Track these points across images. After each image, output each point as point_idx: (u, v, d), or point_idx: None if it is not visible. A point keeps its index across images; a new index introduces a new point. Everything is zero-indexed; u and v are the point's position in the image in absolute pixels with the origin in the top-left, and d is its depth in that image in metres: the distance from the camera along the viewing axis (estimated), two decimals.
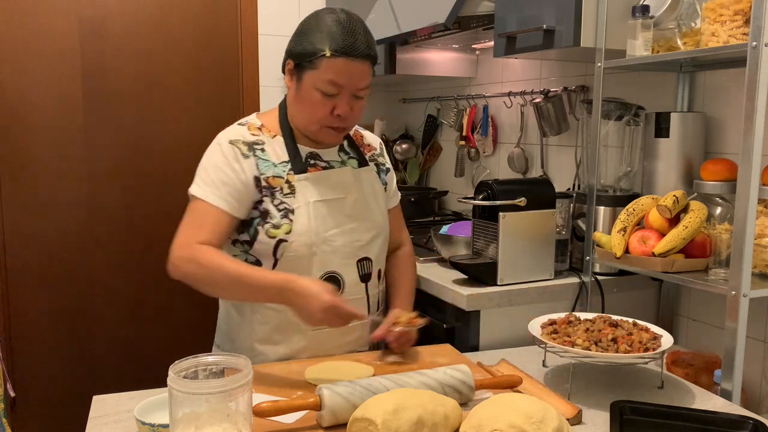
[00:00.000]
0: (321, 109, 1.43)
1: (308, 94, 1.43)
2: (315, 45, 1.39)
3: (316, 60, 1.39)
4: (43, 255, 2.85)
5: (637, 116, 1.89)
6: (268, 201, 1.45)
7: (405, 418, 1.04)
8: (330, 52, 1.38)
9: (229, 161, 1.45)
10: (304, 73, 1.42)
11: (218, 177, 1.45)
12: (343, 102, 1.43)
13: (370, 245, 1.54)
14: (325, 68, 1.39)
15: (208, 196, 1.44)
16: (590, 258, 1.79)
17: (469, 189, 2.84)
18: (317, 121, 1.45)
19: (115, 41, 2.87)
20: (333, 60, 1.38)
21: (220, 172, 1.45)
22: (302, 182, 1.47)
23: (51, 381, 2.91)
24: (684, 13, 1.69)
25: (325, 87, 1.40)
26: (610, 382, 1.39)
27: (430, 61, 2.72)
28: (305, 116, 1.47)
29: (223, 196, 1.43)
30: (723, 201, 1.65)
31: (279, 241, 1.44)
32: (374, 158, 1.64)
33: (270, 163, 1.47)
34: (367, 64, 1.43)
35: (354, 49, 1.38)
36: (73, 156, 2.86)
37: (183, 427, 0.99)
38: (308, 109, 1.45)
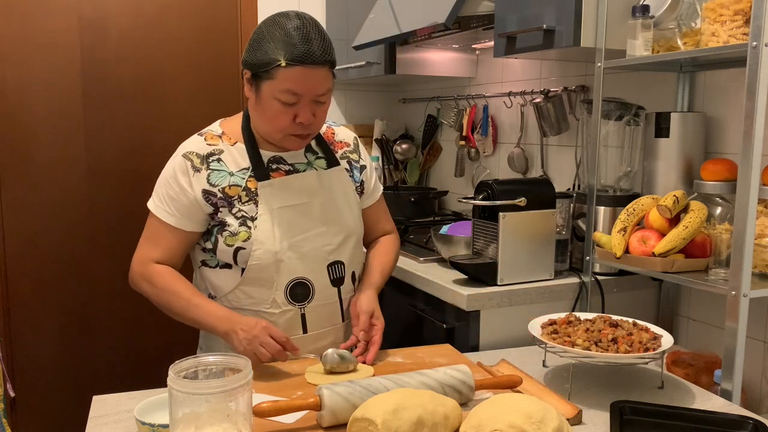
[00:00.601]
0: (282, 117, 1.40)
1: (268, 104, 1.40)
2: (269, 55, 1.35)
3: (272, 70, 1.36)
4: (43, 255, 2.85)
5: (637, 116, 1.89)
6: (226, 211, 1.45)
7: (405, 418, 1.04)
8: (285, 62, 1.34)
9: (177, 177, 1.46)
10: (262, 83, 1.39)
11: (167, 193, 1.47)
12: (304, 109, 1.40)
13: (341, 248, 1.52)
14: (282, 78, 1.35)
15: (159, 212, 1.48)
16: (590, 258, 1.79)
17: (469, 189, 2.84)
18: (279, 129, 1.43)
19: (115, 41, 2.87)
20: (289, 69, 1.34)
21: (169, 188, 1.47)
22: (265, 189, 1.46)
23: (51, 381, 2.91)
24: (684, 13, 1.69)
25: (283, 96, 1.37)
26: (610, 382, 1.39)
27: (430, 61, 2.71)
28: (267, 125, 1.44)
29: (172, 212, 1.46)
30: (723, 201, 1.65)
31: (237, 248, 1.44)
32: (346, 155, 1.61)
33: (225, 173, 1.46)
34: (326, 69, 1.39)
35: (309, 56, 1.34)
36: (73, 155, 2.86)
37: (183, 427, 0.99)
38: (269, 118, 1.42)
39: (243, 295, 1.48)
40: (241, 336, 1.36)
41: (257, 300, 1.47)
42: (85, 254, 2.91)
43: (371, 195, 1.66)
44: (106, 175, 2.91)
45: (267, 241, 1.44)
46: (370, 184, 1.65)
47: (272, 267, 1.45)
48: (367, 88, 3.36)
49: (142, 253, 1.50)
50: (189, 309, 1.43)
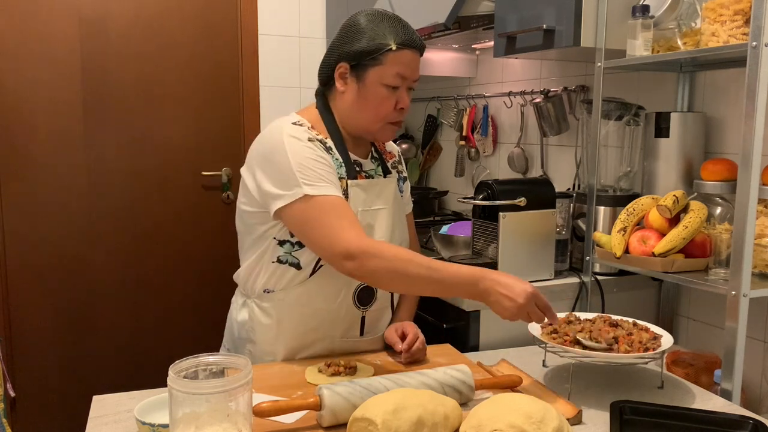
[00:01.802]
0: (386, 104, 1.43)
1: (373, 91, 1.42)
2: (377, 41, 1.40)
3: (380, 56, 1.40)
4: (43, 255, 2.85)
5: (637, 116, 1.89)
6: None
7: (405, 418, 1.04)
8: (396, 45, 1.40)
9: (319, 154, 1.39)
10: (367, 70, 1.41)
11: (321, 171, 1.37)
12: (404, 94, 1.45)
13: None
14: (392, 62, 1.40)
15: (331, 190, 1.36)
16: (590, 258, 1.79)
17: (469, 189, 2.84)
18: (382, 117, 1.44)
19: (115, 41, 2.87)
20: (399, 53, 1.40)
21: (320, 166, 1.37)
22: (354, 188, 1.45)
23: (51, 381, 2.91)
24: (684, 13, 1.69)
25: (391, 80, 1.41)
26: (610, 382, 1.39)
27: (430, 61, 2.71)
28: (369, 115, 1.44)
29: (337, 188, 1.38)
30: (723, 201, 1.65)
31: None
32: (395, 166, 1.63)
33: (339, 162, 1.44)
34: (420, 55, 1.47)
35: (414, 40, 1.42)
36: (73, 156, 2.86)
37: (183, 427, 0.99)
38: (373, 106, 1.43)
39: (306, 294, 1.44)
40: (506, 304, 1.26)
41: (323, 299, 1.45)
42: (85, 254, 2.91)
43: (406, 206, 1.67)
44: (106, 174, 2.91)
45: None
46: (407, 195, 1.66)
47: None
48: None
49: (348, 234, 1.31)
50: (435, 270, 1.29)
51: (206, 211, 3.08)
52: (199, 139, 3.00)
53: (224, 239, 3.04)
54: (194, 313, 3.10)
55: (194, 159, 3.01)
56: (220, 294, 1.56)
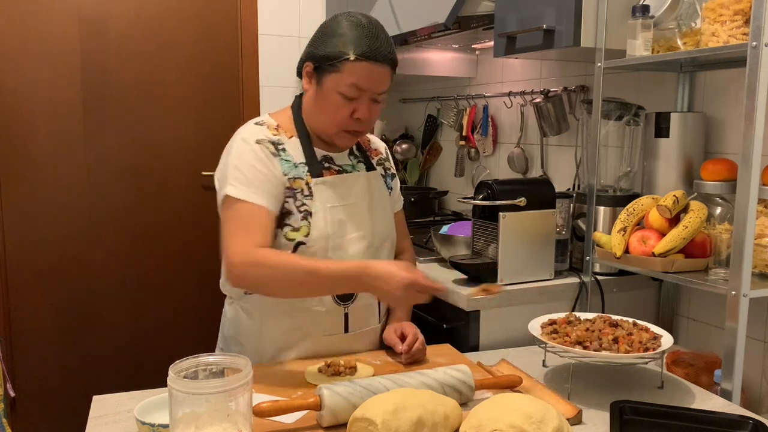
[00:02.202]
0: (341, 111, 1.42)
1: (329, 97, 1.41)
2: (338, 48, 1.38)
3: (339, 63, 1.38)
4: (43, 255, 2.85)
5: (637, 116, 1.89)
6: (291, 202, 1.44)
7: (405, 418, 1.04)
8: (354, 56, 1.37)
9: (262, 159, 1.42)
10: (325, 76, 1.41)
11: (255, 176, 1.41)
12: (363, 105, 1.42)
13: (380, 251, 1.53)
14: (349, 72, 1.38)
15: (250, 196, 1.39)
16: (590, 258, 1.79)
17: (469, 189, 2.84)
18: (336, 124, 1.44)
19: (115, 41, 2.87)
20: (356, 64, 1.37)
21: (256, 171, 1.41)
22: (319, 186, 1.46)
23: (51, 381, 2.91)
24: (684, 13, 1.69)
25: (346, 90, 1.39)
26: (610, 382, 1.39)
27: (430, 61, 2.71)
28: (324, 119, 1.45)
29: (265, 195, 1.40)
30: (723, 201, 1.65)
31: (298, 243, 1.42)
32: (381, 162, 1.63)
33: (291, 164, 1.45)
34: (388, 68, 1.42)
35: (377, 53, 1.38)
36: (73, 156, 2.86)
37: (183, 427, 0.99)
38: (328, 111, 1.43)
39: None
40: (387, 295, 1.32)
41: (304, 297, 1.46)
42: (85, 254, 2.91)
43: (396, 203, 1.67)
44: (106, 174, 2.91)
45: (321, 239, 1.43)
46: (396, 192, 1.67)
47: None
48: None
49: (240, 243, 1.37)
50: (313, 273, 1.33)
51: (206, 211, 3.08)
52: (199, 139, 3.00)
53: None
54: (194, 313, 3.10)
55: (194, 159, 3.01)
56: (220, 294, 1.56)
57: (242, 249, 1.35)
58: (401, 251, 1.69)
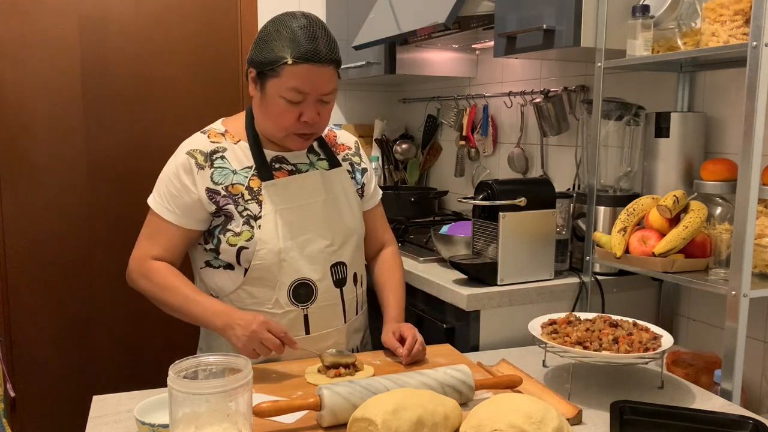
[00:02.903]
0: (287, 116, 1.41)
1: (273, 102, 1.41)
2: (276, 53, 1.36)
3: (278, 68, 1.37)
4: (43, 255, 2.85)
5: (637, 116, 1.89)
6: (231, 208, 1.44)
7: (405, 418, 1.04)
8: (291, 60, 1.35)
9: (179, 175, 1.45)
10: (267, 81, 1.40)
11: (169, 191, 1.46)
12: (309, 108, 1.40)
13: (343, 249, 1.52)
14: (288, 76, 1.36)
15: (160, 209, 1.47)
16: (590, 258, 1.79)
17: (469, 189, 2.84)
18: (284, 128, 1.43)
19: (115, 41, 2.87)
20: (295, 67, 1.36)
21: (171, 185, 1.46)
22: (269, 188, 1.45)
23: (51, 381, 2.91)
24: (684, 13, 1.69)
25: (289, 95, 1.38)
26: (610, 382, 1.39)
27: (430, 61, 2.71)
28: (271, 124, 1.45)
29: (173, 210, 1.45)
30: (723, 201, 1.65)
31: (240, 248, 1.43)
32: (348, 158, 1.62)
33: (228, 171, 1.46)
34: (331, 68, 1.40)
35: (316, 54, 1.35)
36: (73, 156, 2.86)
37: (183, 427, 0.99)
38: (274, 117, 1.43)
39: (246, 295, 1.47)
40: (239, 333, 1.34)
41: (260, 300, 1.47)
42: (85, 254, 2.91)
43: (370, 199, 1.66)
44: (106, 175, 2.91)
45: (271, 241, 1.43)
46: (370, 188, 1.66)
47: (275, 267, 1.44)
48: (367, 88, 3.36)
49: (141, 250, 1.49)
50: (187, 304, 1.42)
51: None
52: None
53: None
54: None
55: None
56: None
57: (140, 257, 1.48)
58: (383, 245, 1.69)
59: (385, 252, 1.69)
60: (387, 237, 1.71)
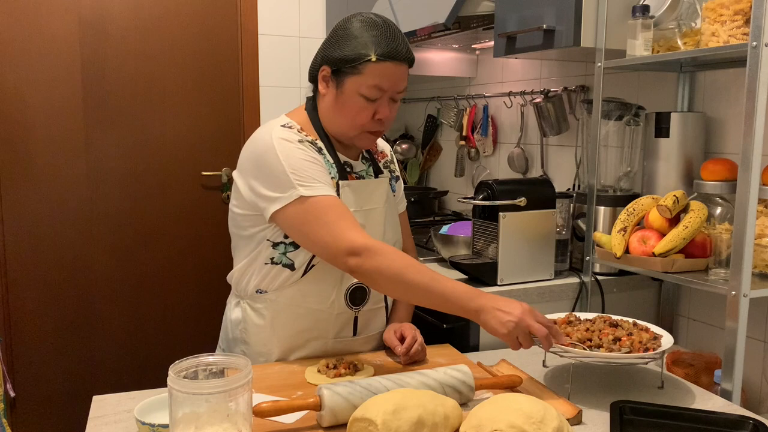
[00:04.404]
0: (363, 113, 1.41)
1: (350, 100, 1.40)
2: (358, 50, 1.37)
3: (359, 65, 1.37)
4: (43, 255, 2.85)
5: (637, 116, 1.89)
6: None
7: (405, 418, 1.04)
8: (375, 57, 1.36)
9: (311, 156, 1.40)
10: (346, 78, 1.40)
11: (315, 172, 1.38)
12: (383, 106, 1.42)
13: None
14: (370, 73, 1.37)
15: (326, 190, 1.36)
16: (590, 258, 1.79)
17: (469, 189, 2.84)
18: (359, 126, 1.43)
19: (115, 41, 2.87)
20: (378, 65, 1.37)
21: (311, 168, 1.38)
22: (344, 189, 1.45)
23: (51, 381, 2.91)
24: (684, 13, 1.69)
25: (369, 92, 1.39)
26: (610, 382, 1.39)
27: (430, 61, 2.71)
28: (346, 121, 1.43)
29: (331, 188, 1.39)
30: (723, 201, 1.65)
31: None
32: (387, 165, 1.63)
33: (329, 164, 1.45)
34: (407, 66, 1.43)
35: (397, 53, 1.38)
36: (73, 156, 2.86)
37: (183, 427, 0.99)
38: (350, 114, 1.42)
39: (299, 294, 1.45)
40: (504, 318, 1.24)
41: (317, 299, 1.45)
42: (85, 254, 2.91)
43: (399, 205, 1.66)
44: (106, 174, 2.91)
45: None
46: (399, 194, 1.66)
47: (338, 269, 1.41)
48: None
49: (350, 231, 1.32)
50: (435, 281, 1.29)
51: (206, 211, 3.08)
52: (199, 139, 3.00)
53: (224, 239, 3.01)
54: (194, 313, 3.10)
55: (194, 159, 3.01)
56: (220, 294, 1.56)
57: (361, 236, 1.31)
58: (405, 251, 1.69)
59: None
60: (408, 244, 1.70)
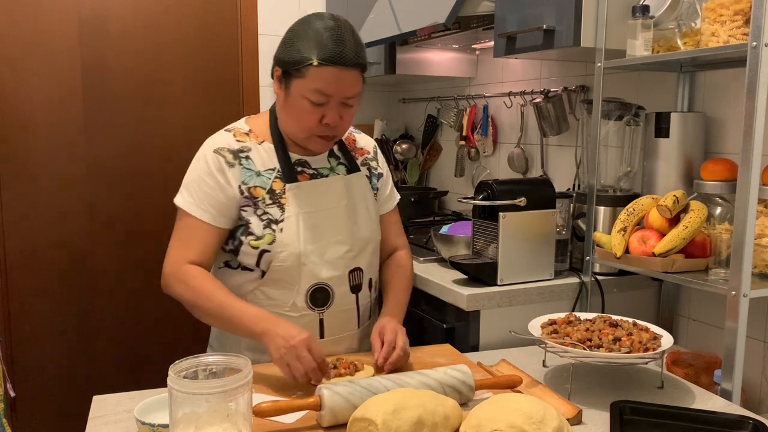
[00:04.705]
0: (309, 117, 1.40)
1: (296, 103, 1.40)
2: (302, 53, 1.36)
3: (303, 69, 1.36)
4: (43, 255, 2.85)
5: (637, 116, 1.89)
6: (251, 211, 1.44)
7: (405, 418, 1.04)
8: (317, 61, 1.34)
9: (212, 172, 1.44)
10: (292, 81, 1.39)
11: (202, 189, 1.44)
12: (331, 110, 1.40)
13: (360, 255, 1.52)
14: (313, 77, 1.36)
15: (194, 210, 1.44)
16: (590, 258, 1.79)
17: (469, 189, 2.84)
18: (306, 129, 1.42)
19: (115, 41, 2.87)
20: (321, 69, 1.35)
21: (204, 184, 1.44)
22: (293, 191, 1.45)
23: (51, 381, 2.91)
24: (684, 13, 1.69)
25: (313, 96, 1.37)
26: (610, 382, 1.39)
27: (430, 61, 2.71)
28: (293, 124, 1.44)
29: (208, 209, 1.43)
30: (723, 201, 1.65)
31: (262, 251, 1.43)
32: (366, 162, 1.61)
33: (253, 173, 1.45)
34: (356, 72, 1.39)
35: (342, 57, 1.35)
36: (73, 156, 2.86)
37: (183, 427, 0.99)
38: (296, 117, 1.42)
39: (263, 297, 1.47)
40: (279, 343, 1.28)
41: (277, 302, 1.46)
42: (84, 254, 2.91)
43: (384, 204, 1.65)
44: (106, 174, 2.91)
45: (292, 244, 1.43)
46: (384, 193, 1.65)
47: (295, 270, 1.44)
48: (367, 88, 3.31)
49: (175, 254, 1.45)
50: (224, 308, 1.37)
51: None
52: (199, 139, 2.97)
53: None
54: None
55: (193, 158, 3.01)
56: None
57: (175, 261, 1.43)
58: (395, 248, 1.69)
59: (396, 255, 1.68)
60: (399, 242, 1.69)
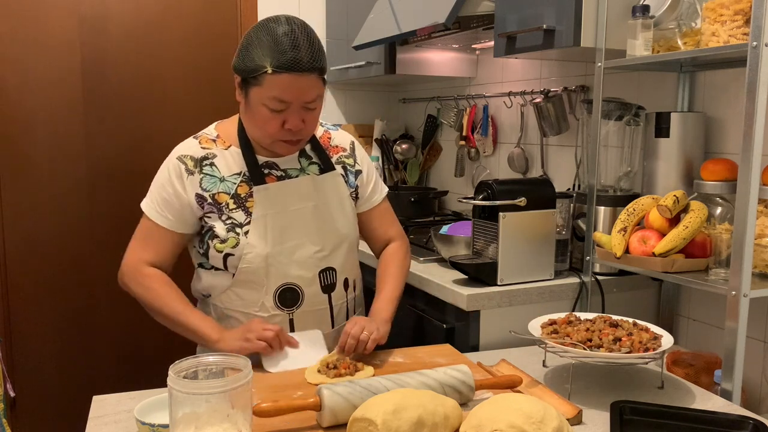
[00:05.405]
0: (271, 124, 1.39)
1: (256, 110, 1.39)
2: (256, 61, 1.34)
3: (259, 76, 1.34)
4: (43, 255, 2.85)
5: (637, 116, 1.89)
6: (215, 217, 1.45)
7: (405, 418, 1.04)
8: (272, 69, 1.32)
9: (171, 179, 1.46)
10: (250, 89, 1.38)
11: (161, 196, 1.47)
12: (292, 116, 1.39)
13: (333, 255, 1.52)
14: (269, 85, 1.34)
15: (152, 214, 1.49)
16: (590, 258, 1.79)
17: (469, 189, 2.84)
18: (269, 135, 1.42)
19: (115, 40, 2.87)
20: (276, 76, 1.33)
21: (163, 190, 1.47)
22: (260, 193, 1.46)
23: (51, 381, 2.91)
24: (684, 13, 1.69)
25: (271, 103, 1.36)
26: (610, 382, 1.39)
27: (430, 61, 2.71)
28: (257, 131, 1.44)
29: (165, 215, 1.47)
30: (723, 201, 1.65)
31: (226, 255, 1.45)
32: (341, 160, 1.59)
33: (216, 179, 1.47)
34: (314, 76, 1.37)
35: (297, 63, 1.33)
36: (73, 155, 2.86)
37: (183, 427, 0.99)
38: (258, 124, 1.42)
39: (235, 297, 1.49)
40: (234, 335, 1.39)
41: (247, 302, 1.49)
42: (85, 254, 2.91)
43: (368, 200, 1.64)
44: (106, 174, 2.91)
45: (258, 245, 1.44)
46: (367, 189, 1.64)
47: (262, 271, 1.45)
48: (367, 88, 3.36)
49: (134, 254, 1.50)
50: (179, 315, 1.44)
51: None
52: None
53: None
54: None
55: None
56: None
57: (133, 261, 1.49)
58: (389, 241, 1.68)
59: (390, 247, 1.67)
60: (392, 232, 1.68)
